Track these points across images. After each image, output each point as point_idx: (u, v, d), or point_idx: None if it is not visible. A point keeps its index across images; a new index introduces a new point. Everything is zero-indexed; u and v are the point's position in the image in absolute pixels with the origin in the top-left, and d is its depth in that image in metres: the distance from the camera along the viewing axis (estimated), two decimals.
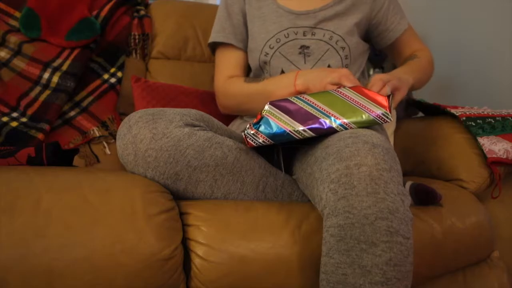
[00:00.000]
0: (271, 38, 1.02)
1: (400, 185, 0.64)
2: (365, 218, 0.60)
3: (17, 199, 0.60)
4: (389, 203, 0.60)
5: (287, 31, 1.02)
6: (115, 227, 0.62)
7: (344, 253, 0.60)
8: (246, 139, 0.76)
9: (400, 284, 0.60)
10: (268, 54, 1.03)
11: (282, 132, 0.73)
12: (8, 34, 1.20)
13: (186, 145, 0.73)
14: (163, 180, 0.74)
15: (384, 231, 0.59)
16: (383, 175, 0.62)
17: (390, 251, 0.59)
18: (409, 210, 0.63)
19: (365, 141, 0.65)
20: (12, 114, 1.11)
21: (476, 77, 1.53)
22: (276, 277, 0.69)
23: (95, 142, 1.15)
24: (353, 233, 0.60)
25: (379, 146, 0.65)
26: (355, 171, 0.62)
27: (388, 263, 0.59)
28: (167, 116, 0.75)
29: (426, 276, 0.87)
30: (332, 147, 0.68)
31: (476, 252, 0.97)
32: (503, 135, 1.07)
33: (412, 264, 0.62)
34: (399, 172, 0.66)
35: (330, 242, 0.62)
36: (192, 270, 0.68)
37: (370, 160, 0.63)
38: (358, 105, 0.74)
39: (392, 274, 0.59)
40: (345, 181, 0.62)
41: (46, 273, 0.57)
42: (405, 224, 0.61)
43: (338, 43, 1.01)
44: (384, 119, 0.73)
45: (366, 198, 0.60)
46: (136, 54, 1.33)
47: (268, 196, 0.82)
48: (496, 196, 1.03)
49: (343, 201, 0.61)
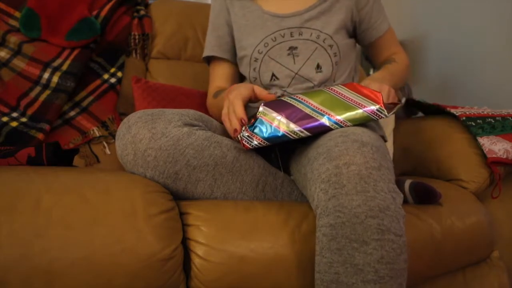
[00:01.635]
0: (259, 43, 1.02)
1: (391, 183, 0.64)
2: (355, 217, 0.60)
3: (17, 199, 0.60)
4: (379, 201, 0.61)
5: (274, 34, 1.02)
6: (115, 227, 0.63)
7: (336, 252, 0.61)
8: (242, 141, 0.76)
9: (394, 282, 0.60)
10: (257, 60, 1.02)
11: (277, 133, 0.73)
12: (8, 34, 1.20)
13: (185, 145, 0.73)
14: (163, 179, 0.74)
15: (375, 229, 0.60)
16: (372, 173, 0.62)
17: (381, 249, 0.59)
18: (401, 208, 0.63)
19: (354, 140, 0.66)
20: (12, 114, 1.11)
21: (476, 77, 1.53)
22: (276, 277, 0.69)
23: (95, 142, 1.16)
24: (344, 232, 0.60)
25: (368, 144, 0.65)
26: (344, 171, 0.62)
27: (380, 261, 0.59)
28: (166, 116, 0.75)
29: (426, 276, 0.87)
30: (322, 147, 0.68)
31: (476, 252, 0.97)
32: (503, 135, 1.07)
33: (406, 262, 0.62)
34: (390, 170, 0.66)
35: (323, 241, 0.62)
36: (192, 270, 0.68)
37: (359, 158, 0.63)
38: (352, 102, 0.74)
39: (384, 272, 0.59)
40: (335, 180, 0.62)
41: (46, 273, 0.57)
42: (397, 222, 0.61)
43: (326, 41, 1.01)
44: (379, 115, 0.73)
45: (356, 197, 0.61)
46: (136, 54, 1.34)
47: (268, 196, 0.82)
48: (496, 196, 1.03)
49: (334, 201, 0.62)
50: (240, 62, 1.09)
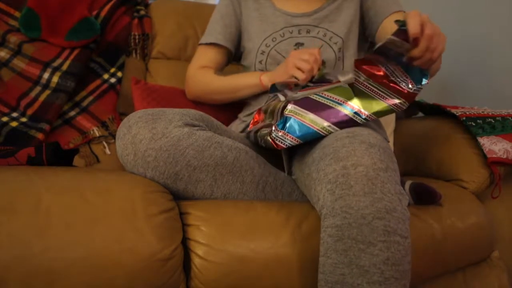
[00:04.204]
0: (267, 37, 1.06)
1: (398, 185, 0.64)
2: (362, 218, 0.60)
3: (17, 199, 0.60)
4: (386, 203, 0.60)
5: (282, 30, 1.05)
6: (115, 227, 0.62)
7: (342, 253, 0.60)
8: (275, 141, 0.76)
9: (398, 284, 0.60)
10: (264, 52, 1.06)
11: (309, 130, 0.74)
12: (8, 34, 1.20)
13: (185, 145, 0.73)
14: (163, 180, 0.74)
15: (381, 230, 0.59)
16: (379, 175, 0.62)
17: (387, 250, 0.59)
18: (407, 209, 0.63)
19: (361, 141, 0.66)
20: (12, 114, 1.11)
21: (476, 77, 1.53)
22: (276, 277, 0.69)
23: (95, 142, 1.15)
24: (350, 233, 0.60)
25: (375, 146, 0.65)
26: (352, 171, 0.62)
27: (386, 263, 0.59)
28: (167, 116, 0.75)
29: (426, 276, 0.87)
30: (329, 147, 0.68)
31: (476, 252, 0.97)
32: (503, 135, 1.07)
33: (410, 263, 0.62)
34: (396, 171, 0.66)
35: (328, 242, 0.62)
36: (192, 270, 0.68)
37: (367, 160, 0.63)
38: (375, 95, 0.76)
39: (390, 273, 0.59)
40: (342, 181, 0.62)
41: (46, 273, 0.57)
42: (403, 223, 0.61)
43: (332, 39, 1.04)
44: (400, 107, 0.76)
45: (363, 198, 0.60)
46: (136, 54, 1.34)
47: (268, 196, 0.82)
48: (496, 196, 1.03)
49: (341, 201, 0.62)
50: (246, 54, 1.12)
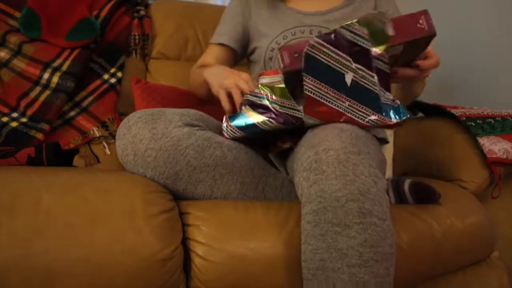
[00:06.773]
0: (278, 35, 1.05)
1: (372, 167, 0.64)
2: (336, 201, 0.60)
3: (17, 199, 0.60)
4: (359, 185, 0.61)
5: (294, 29, 1.05)
6: (115, 227, 0.63)
7: (320, 238, 0.61)
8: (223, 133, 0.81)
9: (380, 266, 0.59)
10: (274, 50, 1.06)
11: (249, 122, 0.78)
12: (8, 34, 1.20)
13: (185, 145, 0.73)
14: (163, 180, 0.74)
15: (356, 212, 0.60)
16: (350, 157, 0.62)
17: (364, 232, 0.59)
18: (384, 192, 0.63)
19: (333, 127, 0.67)
20: (12, 114, 1.11)
21: (476, 77, 1.53)
22: (276, 276, 0.69)
23: (95, 142, 1.16)
24: (326, 217, 0.60)
25: (347, 131, 0.66)
26: (323, 156, 0.63)
27: (364, 245, 0.59)
28: (167, 116, 0.75)
29: (426, 276, 0.87)
30: (304, 138, 0.71)
31: (476, 252, 0.97)
32: (503, 135, 1.07)
33: (392, 247, 0.62)
34: (371, 155, 0.66)
35: (307, 229, 0.63)
36: (192, 270, 0.68)
37: (337, 144, 0.64)
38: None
39: (369, 255, 0.59)
40: (315, 167, 0.63)
41: (46, 273, 0.57)
42: (379, 205, 0.61)
43: None
44: None
45: (336, 181, 0.61)
46: (136, 54, 1.34)
47: (268, 196, 0.82)
48: (496, 196, 1.03)
49: (315, 187, 0.62)
50: (255, 51, 1.12)
